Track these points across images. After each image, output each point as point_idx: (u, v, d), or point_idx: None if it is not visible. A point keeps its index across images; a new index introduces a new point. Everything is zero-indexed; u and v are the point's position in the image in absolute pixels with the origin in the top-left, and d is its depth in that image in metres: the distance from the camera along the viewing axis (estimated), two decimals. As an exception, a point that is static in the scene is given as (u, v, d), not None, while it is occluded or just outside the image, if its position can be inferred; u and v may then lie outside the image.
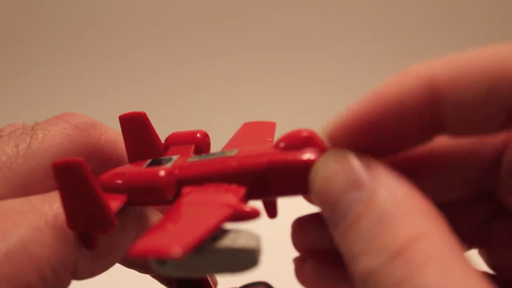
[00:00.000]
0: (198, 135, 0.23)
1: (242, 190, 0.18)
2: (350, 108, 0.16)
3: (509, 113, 0.15)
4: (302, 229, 0.19)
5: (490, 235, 0.19)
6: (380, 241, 0.14)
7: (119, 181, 0.20)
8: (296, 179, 0.17)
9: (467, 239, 0.20)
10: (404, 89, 0.15)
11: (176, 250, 0.14)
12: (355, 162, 0.15)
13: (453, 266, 0.13)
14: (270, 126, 0.25)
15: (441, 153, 0.18)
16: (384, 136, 0.16)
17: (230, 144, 0.23)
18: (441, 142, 0.17)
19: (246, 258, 0.16)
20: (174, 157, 0.21)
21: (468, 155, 0.18)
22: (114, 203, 0.19)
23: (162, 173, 0.19)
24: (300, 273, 0.20)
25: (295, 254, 0.20)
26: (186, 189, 0.19)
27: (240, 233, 0.17)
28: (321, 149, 0.17)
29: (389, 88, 0.15)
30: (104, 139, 0.24)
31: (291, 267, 0.20)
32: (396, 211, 0.14)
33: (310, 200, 0.18)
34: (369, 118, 0.15)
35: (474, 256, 0.20)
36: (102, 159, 0.24)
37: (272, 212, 0.21)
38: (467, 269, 0.13)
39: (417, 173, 0.17)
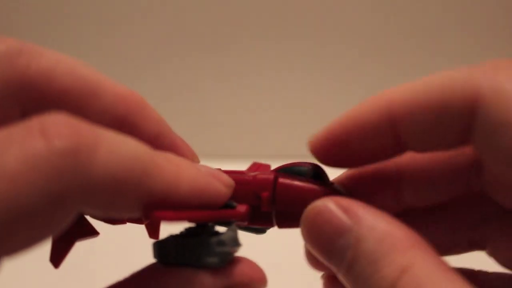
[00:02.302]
0: None
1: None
2: (325, 128, 0.19)
3: (460, 133, 0.17)
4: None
5: (491, 235, 0.20)
6: (373, 282, 0.16)
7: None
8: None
9: (468, 241, 0.21)
10: (367, 114, 0.18)
11: None
12: (335, 209, 0.17)
13: None
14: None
15: (417, 161, 0.20)
16: (356, 149, 0.19)
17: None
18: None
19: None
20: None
21: (446, 160, 0.20)
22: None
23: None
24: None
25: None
26: None
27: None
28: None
29: (355, 112, 0.18)
30: (35, 68, 0.18)
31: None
32: (380, 250, 0.16)
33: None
34: (340, 136, 0.19)
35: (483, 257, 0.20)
36: (33, 95, 0.18)
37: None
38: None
39: (400, 180, 0.20)
